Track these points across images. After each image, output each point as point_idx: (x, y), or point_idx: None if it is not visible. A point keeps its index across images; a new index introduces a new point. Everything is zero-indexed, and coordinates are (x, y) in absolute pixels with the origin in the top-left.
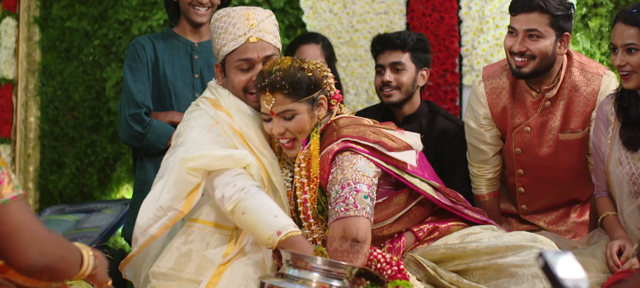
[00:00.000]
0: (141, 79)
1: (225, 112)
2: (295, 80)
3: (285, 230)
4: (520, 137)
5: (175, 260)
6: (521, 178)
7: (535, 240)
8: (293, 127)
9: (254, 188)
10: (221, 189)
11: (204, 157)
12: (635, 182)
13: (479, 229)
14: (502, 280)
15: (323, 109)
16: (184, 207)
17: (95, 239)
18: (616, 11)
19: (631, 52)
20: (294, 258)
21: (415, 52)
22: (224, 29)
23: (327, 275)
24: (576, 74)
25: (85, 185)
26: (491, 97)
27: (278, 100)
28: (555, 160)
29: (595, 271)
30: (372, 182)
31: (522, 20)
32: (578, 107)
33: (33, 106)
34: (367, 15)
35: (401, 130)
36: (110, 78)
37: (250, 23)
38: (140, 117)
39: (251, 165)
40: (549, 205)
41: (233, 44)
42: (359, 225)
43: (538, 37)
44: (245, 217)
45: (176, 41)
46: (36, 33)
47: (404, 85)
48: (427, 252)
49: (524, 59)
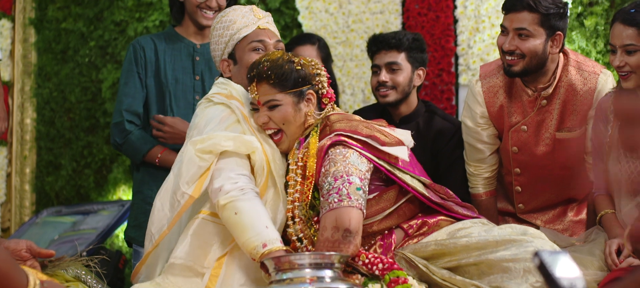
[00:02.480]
0: (133, 84)
1: (238, 100)
2: (281, 71)
3: (270, 244)
4: (517, 135)
5: (188, 251)
6: (518, 177)
7: (525, 232)
8: (276, 117)
9: (252, 193)
10: (222, 181)
11: (211, 137)
12: (634, 181)
13: (469, 223)
14: (495, 275)
15: (311, 105)
16: (194, 191)
17: (92, 241)
18: (612, 10)
19: (630, 52)
20: (278, 263)
21: (411, 51)
22: (232, 21)
23: (317, 267)
24: (573, 73)
25: (81, 186)
26: (488, 96)
27: (264, 90)
28: (552, 159)
29: (593, 268)
30: (365, 175)
31: (512, 19)
32: (575, 105)
33: (29, 108)
34: (363, 15)
35: (392, 127)
36: (106, 79)
37: (258, 15)
38: (122, 127)
39: (257, 151)
40: (546, 204)
41: (245, 30)
42: (351, 215)
43: (527, 36)
44: (237, 217)
45: (178, 42)
46: (32, 34)
47: (400, 85)
48: (417, 249)
49: (514, 57)
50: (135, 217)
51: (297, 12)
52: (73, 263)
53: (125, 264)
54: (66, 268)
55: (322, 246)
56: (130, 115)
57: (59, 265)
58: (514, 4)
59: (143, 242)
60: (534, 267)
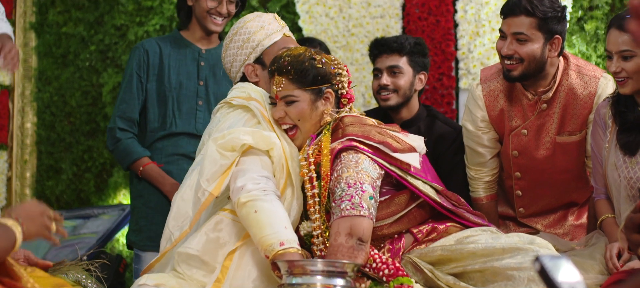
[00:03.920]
0: (129, 89)
1: (257, 101)
2: (301, 67)
3: (288, 244)
4: (517, 139)
5: (204, 244)
6: (518, 181)
7: (532, 241)
8: (292, 113)
9: (274, 196)
10: (245, 180)
11: (231, 132)
12: (633, 186)
13: (478, 231)
14: (499, 283)
15: (329, 104)
16: (215, 189)
17: (93, 245)
18: (612, 14)
19: (626, 58)
20: (291, 266)
21: (412, 55)
22: (259, 27)
23: (330, 275)
24: (573, 77)
25: (82, 190)
26: (488, 100)
27: (283, 84)
28: (553, 163)
29: (594, 273)
30: (376, 183)
31: (510, 23)
32: (575, 109)
33: (29, 112)
34: (363, 19)
35: (405, 132)
36: (106, 83)
37: (281, 23)
38: (114, 133)
39: (275, 147)
40: (546, 208)
41: (274, 36)
42: (364, 225)
43: (525, 41)
44: (256, 215)
45: (184, 46)
46: (32, 39)
47: (402, 89)
48: (424, 253)
49: (513, 61)
50: (136, 221)
51: (298, 16)
52: (73, 268)
53: (126, 268)
54: (66, 272)
55: (336, 251)
56: (123, 121)
57: (60, 269)
58: (511, 8)
59: (144, 246)
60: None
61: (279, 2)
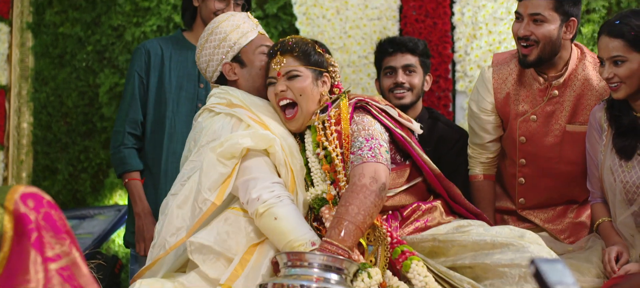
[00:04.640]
0: (134, 92)
1: (241, 107)
2: (306, 47)
3: (317, 243)
4: (525, 125)
5: (216, 236)
6: (523, 169)
7: (522, 236)
8: (295, 87)
9: (288, 200)
10: (259, 191)
11: (229, 138)
12: (629, 190)
13: (471, 223)
14: (490, 280)
15: (326, 87)
16: (217, 198)
17: (89, 245)
18: (609, 17)
19: (617, 63)
20: (290, 257)
21: (422, 57)
22: (235, 26)
23: (326, 269)
24: (590, 69)
25: (78, 191)
26: (497, 83)
27: (287, 61)
28: (560, 152)
29: (590, 276)
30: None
31: (527, 5)
32: (590, 100)
33: (26, 112)
34: (361, 21)
35: None
36: (103, 84)
37: (254, 21)
38: (121, 137)
39: (275, 143)
40: (547, 202)
41: (250, 34)
42: (386, 173)
43: (542, 22)
44: (277, 222)
45: (186, 48)
46: (29, 39)
47: (416, 88)
48: (415, 243)
49: (529, 43)
50: (134, 221)
51: (295, 18)
52: None
53: (121, 269)
54: None
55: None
56: (131, 126)
57: None
58: None
59: None
60: (530, 273)
61: (276, 4)
